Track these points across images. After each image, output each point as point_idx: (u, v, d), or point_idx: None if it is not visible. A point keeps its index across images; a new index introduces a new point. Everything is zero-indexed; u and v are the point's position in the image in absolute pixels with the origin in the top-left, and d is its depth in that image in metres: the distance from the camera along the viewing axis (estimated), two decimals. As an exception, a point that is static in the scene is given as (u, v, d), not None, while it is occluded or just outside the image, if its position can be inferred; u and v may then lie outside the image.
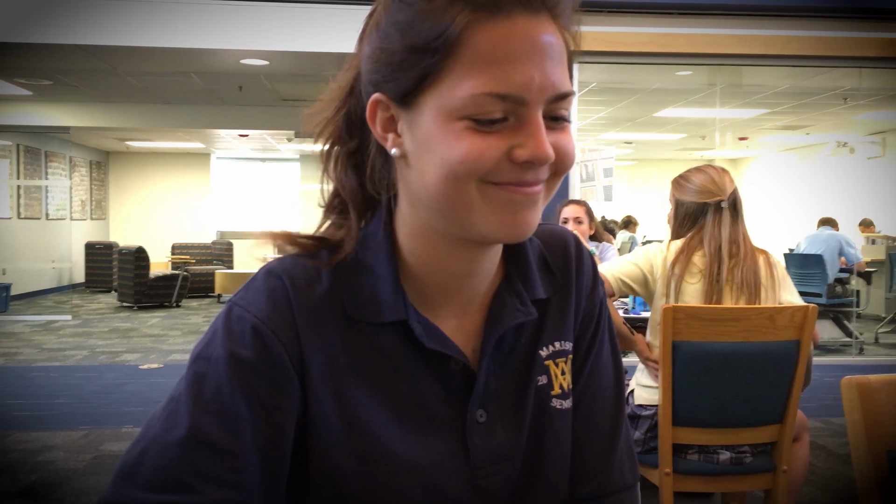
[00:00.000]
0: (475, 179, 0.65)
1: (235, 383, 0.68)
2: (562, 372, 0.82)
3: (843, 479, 3.48)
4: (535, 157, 0.64)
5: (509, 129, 0.64)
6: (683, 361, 2.10)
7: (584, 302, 0.85)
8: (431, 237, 0.73)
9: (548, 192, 0.69)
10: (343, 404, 0.72)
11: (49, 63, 6.75)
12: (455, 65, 0.63)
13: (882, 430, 0.97)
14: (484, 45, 0.63)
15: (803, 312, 2.10)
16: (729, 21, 5.86)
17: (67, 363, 6.21)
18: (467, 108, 0.63)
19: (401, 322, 0.73)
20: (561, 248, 0.85)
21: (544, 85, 0.64)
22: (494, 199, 0.66)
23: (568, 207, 3.80)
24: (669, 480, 2.15)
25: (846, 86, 7.56)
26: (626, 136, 11.81)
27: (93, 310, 9.83)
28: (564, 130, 0.68)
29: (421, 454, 0.73)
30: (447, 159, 0.64)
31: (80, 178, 12.63)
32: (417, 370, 0.74)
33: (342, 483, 0.72)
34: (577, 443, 0.84)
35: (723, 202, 2.27)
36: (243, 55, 5.85)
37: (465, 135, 0.64)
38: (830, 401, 4.97)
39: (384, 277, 0.74)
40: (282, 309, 0.71)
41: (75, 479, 3.41)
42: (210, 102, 9.30)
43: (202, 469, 0.65)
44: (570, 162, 0.68)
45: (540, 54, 0.64)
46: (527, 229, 0.68)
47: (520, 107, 0.64)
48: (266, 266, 0.75)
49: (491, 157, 0.64)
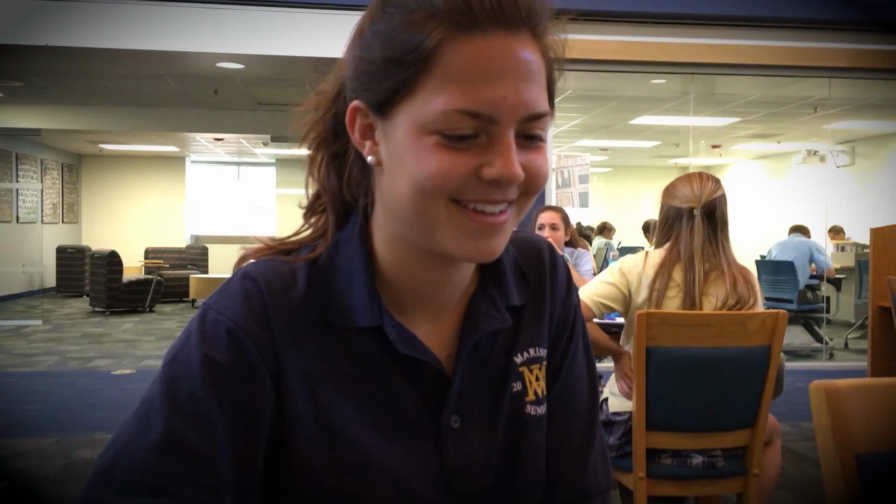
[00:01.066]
0: (444, 197, 0.65)
1: (210, 386, 0.67)
2: (536, 378, 0.82)
3: (814, 482, 3.53)
4: (503, 176, 0.64)
5: (480, 146, 0.64)
6: (657, 367, 2.12)
7: (559, 309, 0.86)
8: (404, 246, 0.73)
9: (518, 212, 0.70)
10: (319, 409, 0.72)
11: (20, 64, 6.66)
12: (429, 80, 0.63)
13: (850, 435, 0.99)
14: (458, 61, 0.63)
15: (774, 318, 2.13)
16: (702, 30, 5.94)
17: (38, 369, 6.12)
18: (438, 123, 0.63)
19: (376, 328, 0.73)
20: (535, 256, 0.86)
21: (516, 105, 0.63)
22: (460, 223, 0.66)
23: (544, 214, 3.82)
24: (643, 484, 2.17)
25: (816, 95, 7.68)
26: (601, 143, 11.89)
27: (64, 315, 9.69)
28: (538, 150, 0.68)
29: (396, 460, 0.73)
30: (416, 174, 0.65)
31: (52, 181, 12.46)
32: (393, 376, 0.74)
33: (319, 487, 0.72)
34: (552, 447, 0.85)
35: (695, 209, 2.28)
36: (219, 58, 5.82)
37: (435, 150, 0.64)
38: (801, 405, 5.03)
39: (359, 283, 0.74)
40: (257, 313, 0.71)
41: (47, 486, 3.36)
42: (185, 105, 9.22)
43: (178, 472, 0.65)
44: (541, 182, 0.68)
45: (514, 73, 0.63)
46: (491, 255, 0.68)
47: (491, 125, 0.63)
48: (242, 269, 0.75)
49: (459, 175, 0.64)
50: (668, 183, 2.42)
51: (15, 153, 11.14)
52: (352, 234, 0.76)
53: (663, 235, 2.35)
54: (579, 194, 5.87)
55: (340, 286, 0.74)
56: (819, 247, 7.37)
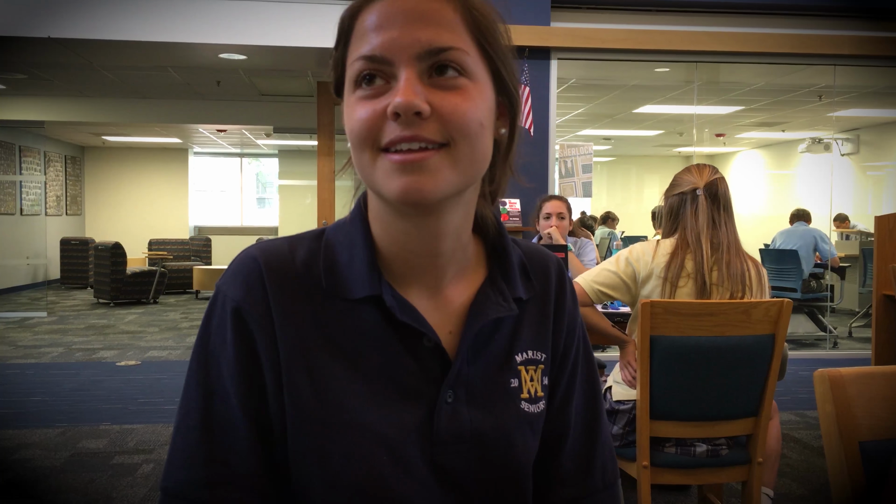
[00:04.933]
0: (369, 146, 0.70)
1: (223, 363, 0.75)
2: (531, 378, 0.84)
3: (818, 470, 3.54)
4: (398, 106, 0.67)
5: (389, 93, 0.69)
6: (661, 355, 2.12)
7: (566, 319, 0.89)
8: (386, 216, 0.77)
9: (453, 159, 0.70)
10: (313, 375, 0.75)
11: (23, 57, 6.65)
12: (349, 48, 0.73)
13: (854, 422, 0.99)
14: (363, 24, 0.71)
15: (778, 307, 2.13)
16: (706, 18, 5.92)
17: (43, 360, 6.14)
18: (351, 77, 0.72)
19: (376, 297, 0.77)
20: (542, 265, 0.89)
21: (406, 42, 0.68)
22: (384, 166, 0.70)
23: (550, 203, 3.82)
24: (647, 473, 2.18)
25: (821, 83, 7.65)
26: (604, 133, 11.87)
27: (69, 306, 9.72)
28: (455, 91, 0.70)
29: (386, 424, 0.75)
30: (349, 132, 0.72)
31: (55, 173, 12.48)
32: (390, 343, 0.77)
33: (310, 446, 0.75)
34: (557, 445, 0.87)
35: (697, 190, 2.29)
36: (221, 49, 5.81)
37: (356, 104, 0.71)
38: (805, 394, 5.04)
39: (359, 257, 0.78)
40: (254, 288, 0.76)
41: (52, 477, 3.38)
42: (188, 97, 9.22)
43: (220, 443, 0.75)
44: (458, 120, 0.69)
45: (407, 19, 0.69)
46: (418, 194, 0.69)
47: (389, 67, 0.69)
48: (246, 248, 0.80)
49: (372, 119, 0.69)
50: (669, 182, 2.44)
51: (18, 145, 11.16)
52: (356, 213, 0.81)
53: (671, 226, 2.36)
54: (582, 184, 5.86)
55: (342, 260, 0.79)
56: (824, 235, 7.35)
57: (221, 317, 0.76)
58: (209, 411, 0.75)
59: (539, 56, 5.60)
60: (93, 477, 3.38)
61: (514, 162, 0.82)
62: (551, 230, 3.71)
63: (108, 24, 5.30)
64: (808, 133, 10.98)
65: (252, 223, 14.65)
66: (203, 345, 0.77)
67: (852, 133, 10.49)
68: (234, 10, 5.39)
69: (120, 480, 3.34)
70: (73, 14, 5.26)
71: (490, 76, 0.74)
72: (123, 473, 3.44)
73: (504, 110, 0.78)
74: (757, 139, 12.63)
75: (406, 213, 0.74)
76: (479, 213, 0.84)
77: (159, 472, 3.46)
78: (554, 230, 3.70)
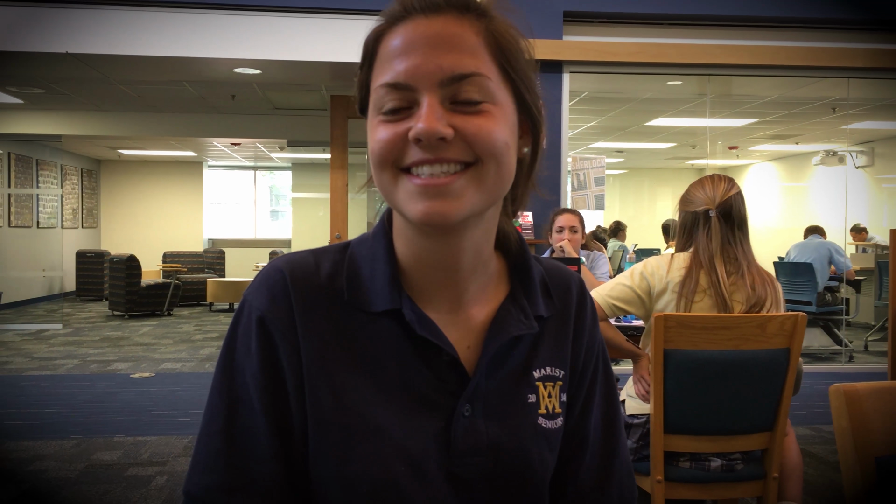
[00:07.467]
0: (389, 166, 0.72)
1: (247, 370, 0.77)
2: (549, 395, 0.85)
3: (833, 485, 3.50)
4: (420, 132, 0.68)
5: (412, 116, 0.71)
6: (675, 369, 2.11)
7: (586, 338, 0.90)
8: (406, 231, 0.78)
9: (478, 181, 0.72)
10: (334, 383, 0.77)
11: (41, 71, 6.73)
12: (373, 73, 0.74)
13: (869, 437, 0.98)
14: (387, 48, 0.72)
15: (793, 321, 2.11)
16: (718, 31, 5.91)
17: (58, 372, 6.18)
18: (375, 102, 0.73)
19: (396, 311, 0.78)
20: (564, 284, 0.90)
21: (429, 70, 0.69)
22: (406, 187, 0.72)
23: (563, 216, 3.82)
24: (661, 488, 2.16)
25: (834, 95, 7.62)
26: (616, 146, 11.85)
27: (84, 318, 9.78)
28: (478, 115, 0.71)
29: (404, 434, 0.76)
30: (370, 152, 0.73)
31: (72, 186, 12.59)
32: (409, 356, 0.79)
33: (329, 456, 0.76)
34: (575, 461, 0.88)
35: (710, 211, 2.27)
36: (236, 64, 5.86)
37: (378, 127, 0.72)
38: (820, 408, 4.99)
39: (381, 271, 0.80)
40: (279, 298, 0.78)
41: (67, 489, 3.39)
42: (202, 111, 9.29)
43: (241, 450, 0.76)
44: (483, 141, 0.71)
45: (430, 44, 0.70)
46: (441, 218, 0.71)
47: (412, 93, 0.70)
48: (272, 260, 0.82)
49: (393, 142, 0.71)
50: (683, 192, 2.42)
51: (35, 159, 11.27)
52: (379, 227, 0.83)
53: (684, 242, 2.35)
54: (595, 197, 5.85)
55: (364, 274, 0.80)
56: (839, 248, 7.30)
57: (247, 326, 0.78)
58: (232, 418, 0.77)
59: (551, 69, 5.61)
60: (107, 489, 3.40)
61: (535, 179, 0.84)
62: (564, 243, 3.71)
63: (125, 40, 5.36)
64: (822, 145, 10.93)
65: (265, 236, 14.70)
66: (228, 352, 0.79)
67: (867, 145, 10.43)
68: (249, 25, 5.44)
69: (134, 492, 3.36)
70: (90, 30, 5.32)
71: (512, 97, 0.75)
72: (137, 485, 3.45)
73: (527, 129, 0.79)
74: (770, 151, 12.58)
75: (427, 233, 0.75)
76: (501, 229, 0.84)
77: (173, 483, 3.47)
78: (566, 243, 3.70)
